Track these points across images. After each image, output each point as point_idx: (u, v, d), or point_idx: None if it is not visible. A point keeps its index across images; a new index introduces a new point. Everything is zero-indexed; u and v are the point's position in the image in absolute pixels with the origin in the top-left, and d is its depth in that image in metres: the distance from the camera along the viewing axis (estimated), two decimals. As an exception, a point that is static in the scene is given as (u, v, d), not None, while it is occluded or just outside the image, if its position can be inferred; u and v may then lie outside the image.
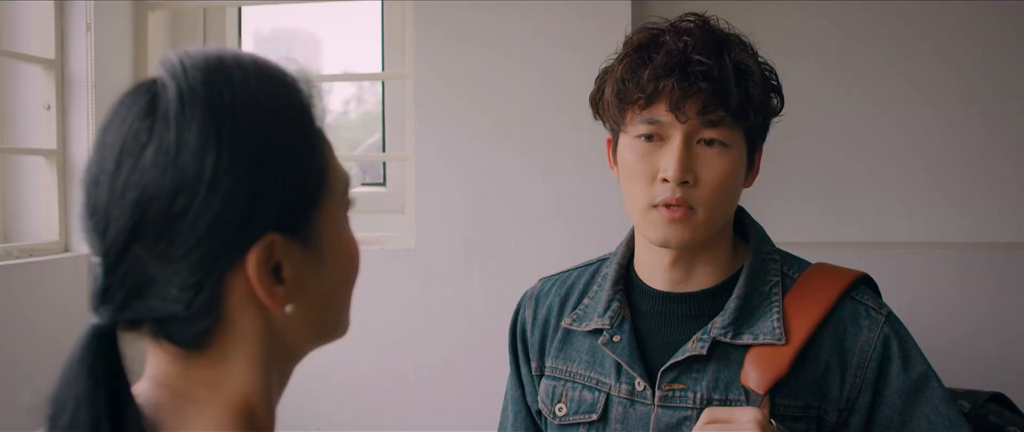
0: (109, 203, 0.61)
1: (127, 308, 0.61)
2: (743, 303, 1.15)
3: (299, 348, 0.70)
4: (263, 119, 0.63)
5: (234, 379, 0.65)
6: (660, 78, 1.10)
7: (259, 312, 0.64)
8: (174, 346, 0.64)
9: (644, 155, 1.13)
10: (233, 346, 0.64)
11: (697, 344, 1.14)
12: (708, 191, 1.10)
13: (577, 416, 1.21)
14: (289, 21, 2.27)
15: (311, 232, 0.66)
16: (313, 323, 0.69)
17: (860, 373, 1.13)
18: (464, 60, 1.83)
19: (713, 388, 1.13)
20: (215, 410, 0.64)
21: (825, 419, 1.13)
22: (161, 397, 0.64)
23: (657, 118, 1.11)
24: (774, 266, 1.19)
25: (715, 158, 1.11)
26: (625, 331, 1.19)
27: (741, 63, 1.10)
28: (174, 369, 0.64)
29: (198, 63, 0.63)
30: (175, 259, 0.60)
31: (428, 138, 1.84)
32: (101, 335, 0.60)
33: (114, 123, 0.63)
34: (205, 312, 0.62)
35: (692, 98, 1.09)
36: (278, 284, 0.64)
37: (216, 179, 0.60)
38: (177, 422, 0.63)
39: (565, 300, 1.28)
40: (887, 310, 1.16)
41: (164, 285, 0.61)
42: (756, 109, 1.10)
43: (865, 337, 1.14)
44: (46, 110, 1.80)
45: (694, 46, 1.10)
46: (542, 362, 1.28)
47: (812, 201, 1.91)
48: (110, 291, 0.61)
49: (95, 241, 0.62)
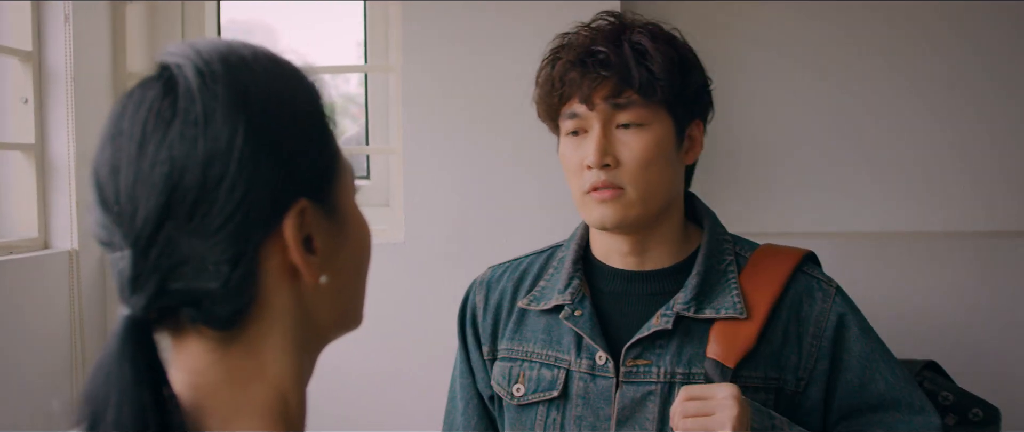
0: (136, 185, 0.59)
1: (162, 293, 0.59)
2: (703, 280, 1.21)
3: (325, 333, 0.69)
4: (282, 91, 0.64)
5: (269, 368, 0.64)
6: (566, 74, 1.19)
7: (292, 289, 0.64)
8: (210, 330, 0.62)
9: (573, 148, 1.21)
10: (269, 327, 0.63)
11: (662, 319, 1.19)
12: (632, 170, 1.17)
13: (536, 395, 1.23)
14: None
15: (334, 203, 0.67)
16: (339, 301, 0.69)
17: (817, 342, 1.19)
18: (452, 54, 1.82)
19: (677, 362, 1.18)
20: (253, 408, 0.63)
21: (784, 389, 1.19)
22: (195, 391, 0.62)
23: (575, 112, 1.20)
24: (728, 246, 1.25)
25: (633, 139, 1.17)
26: (586, 306, 1.23)
27: (638, 45, 1.17)
28: (208, 359, 0.63)
29: (210, 46, 0.64)
30: (211, 231, 0.59)
31: (416, 131, 1.83)
32: (136, 326, 0.59)
33: (128, 112, 0.62)
34: (242, 288, 0.61)
35: (599, 86, 1.17)
36: (311, 254, 0.64)
37: (249, 143, 0.60)
38: (214, 417, 0.62)
39: (519, 284, 1.32)
40: (836, 284, 1.24)
41: (200, 263, 0.59)
42: (663, 86, 1.16)
43: (819, 308, 1.21)
44: (23, 104, 1.76)
45: (594, 39, 1.19)
46: (495, 345, 1.31)
47: (805, 192, 1.93)
48: (142, 278, 0.59)
49: (120, 231, 0.60)
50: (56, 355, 1.73)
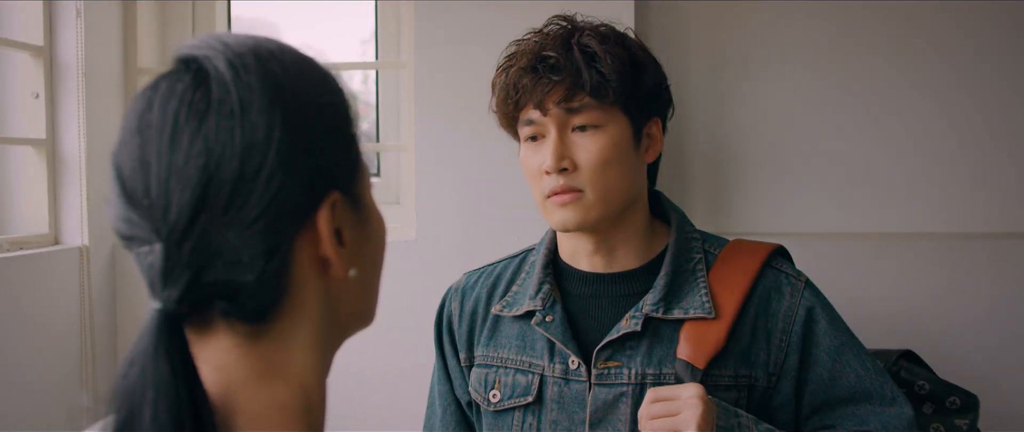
0: (169, 178, 0.58)
1: (195, 287, 0.59)
2: (671, 280, 1.21)
3: (346, 328, 0.69)
4: (312, 83, 0.65)
5: (295, 363, 0.63)
6: (519, 81, 1.19)
7: (320, 282, 0.64)
8: (241, 324, 0.61)
9: (532, 154, 1.22)
10: (298, 321, 0.63)
11: (631, 321, 1.19)
12: (589, 172, 1.17)
13: (512, 400, 1.24)
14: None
15: (360, 197, 0.67)
16: (363, 295, 0.69)
17: (786, 337, 1.20)
18: (464, 50, 1.81)
19: (647, 363, 1.18)
20: (276, 402, 0.62)
21: (755, 386, 1.19)
22: (221, 387, 0.61)
23: (531, 118, 1.20)
24: (696, 244, 1.25)
25: (588, 141, 1.17)
26: (557, 311, 1.23)
27: (586, 47, 1.17)
28: (235, 354, 0.62)
29: (237, 39, 0.63)
30: (247, 223, 0.59)
31: (428, 129, 1.83)
32: (169, 320, 0.58)
33: (156, 104, 0.60)
34: (276, 280, 0.61)
35: (551, 91, 1.17)
36: (341, 247, 0.64)
37: (287, 135, 0.60)
38: (240, 414, 0.61)
39: (493, 290, 1.32)
40: (805, 278, 1.24)
41: (234, 255, 0.59)
42: (615, 87, 1.16)
43: (788, 302, 1.21)
44: (35, 98, 1.76)
45: (544, 44, 1.19)
46: (471, 352, 1.31)
47: (808, 193, 1.92)
48: (175, 271, 0.58)
49: (149, 224, 0.59)
50: (66, 351, 1.72)
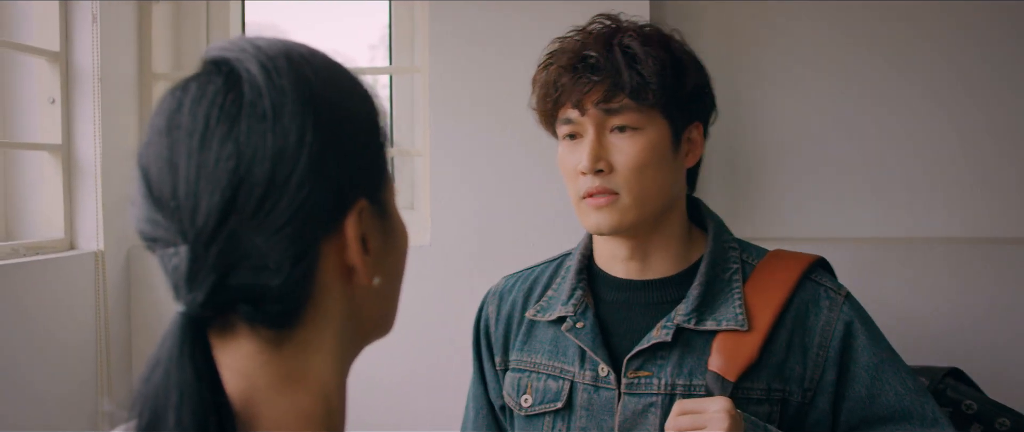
0: (198, 179, 0.58)
1: (220, 290, 0.58)
2: (705, 290, 1.19)
3: (366, 336, 0.69)
4: (343, 90, 0.64)
5: (315, 370, 0.63)
6: (559, 79, 1.18)
7: (344, 290, 0.64)
8: (265, 330, 0.61)
9: (569, 153, 1.21)
10: (321, 328, 0.63)
11: (661, 331, 1.17)
12: (625, 175, 1.15)
13: (542, 406, 1.23)
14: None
15: (386, 205, 0.67)
16: (383, 303, 0.69)
17: (823, 352, 1.17)
18: (479, 55, 1.81)
19: (677, 374, 1.16)
20: (297, 409, 0.62)
21: (789, 401, 1.16)
22: (243, 393, 0.61)
23: (569, 117, 1.19)
24: (733, 253, 1.23)
25: (626, 143, 1.16)
26: (588, 318, 1.22)
27: (628, 49, 1.15)
28: (258, 360, 0.61)
29: (269, 43, 0.63)
30: (276, 228, 0.58)
31: (442, 134, 1.83)
32: (193, 324, 0.57)
33: (185, 105, 0.60)
34: (301, 285, 0.60)
35: (591, 91, 1.16)
36: (367, 255, 0.64)
37: (318, 141, 0.59)
38: (262, 420, 0.60)
39: (529, 294, 1.31)
40: (845, 291, 1.21)
41: (260, 259, 0.58)
42: (655, 90, 1.14)
43: (825, 317, 1.18)
44: (50, 104, 1.76)
45: (585, 43, 1.18)
46: (507, 356, 1.30)
47: (812, 197, 1.91)
48: (201, 274, 0.58)
49: (175, 226, 0.59)
50: (81, 356, 1.72)
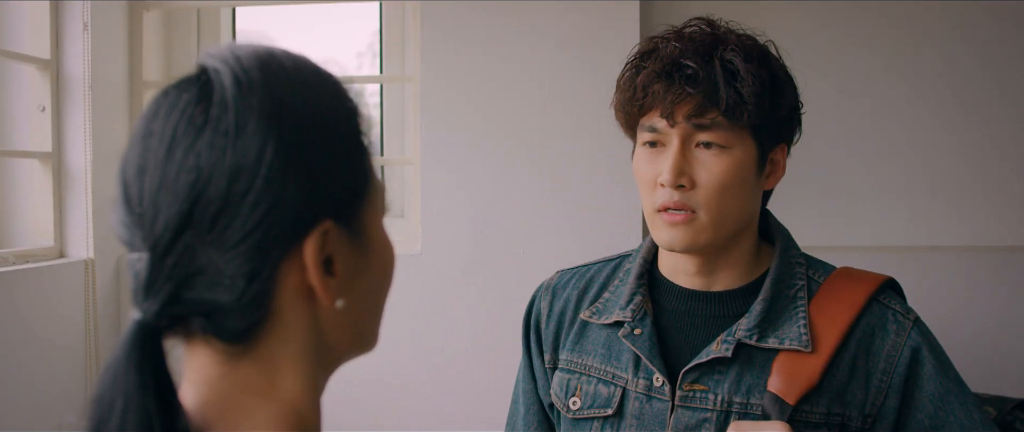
0: (160, 190, 0.58)
1: (175, 301, 0.58)
2: (769, 306, 1.15)
3: (339, 355, 0.68)
4: (319, 107, 0.63)
5: (282, 385, 0.62)
6: (650, 85, 1.12)
7: (308, 309, 0.63)
8: (221, 343, 0.60)
9: (648, 161, 1.15)
10: (281, 345, 0.62)
11: (722, 346, 1.13)
12: (707, 193, 1.11)
13: (592, 410, 1.20)
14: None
15: (360, 226, 0.65)
16: (355, 325, 0.67)
17: (887, 378, 1.12)
18: (470, 63, 1.81)
19: (735, 391, 1.13)
20: (267, 420, 0.61)
21: (848, 426, 1.12)
22: (205, 401, 0.61)
23: (654, 125, 1.13)
24: (800, 270, 1.18)
25: (712, 160, 1.11)
26: (647, 325, 1.18)
27: (729, 63, 1.10)
28: (218, 371, 0.61)
29: (251, 53, 0.62)
30: (230, 245, 0.58)
31: (433, 141, 1.83)
32: (146, 332, 0.58)
33: (161, 112, 0.60)
34: (256, 303, 0.60)
35: (683, 103, 1.10)
36: (330, 277, 0.62)
37: (278, 160, 0.59)
38: (223, 428, 0.60)
39: (584, 293, 1.27)
40: (915, 315, 1.16)
41: (215, 274, 0.58)
42: (751, 110, 1.09)
43: (892, 342, 1.13)
44: (41, 112, 1.76)
45: (684, 51, 1.12)
46: (556, 355, 1.27)
47: (814, 205, 1.91)
48: (156, 284, 0.58)
49: (139, 234, 0.59)
50: (71, 364, 1.72)
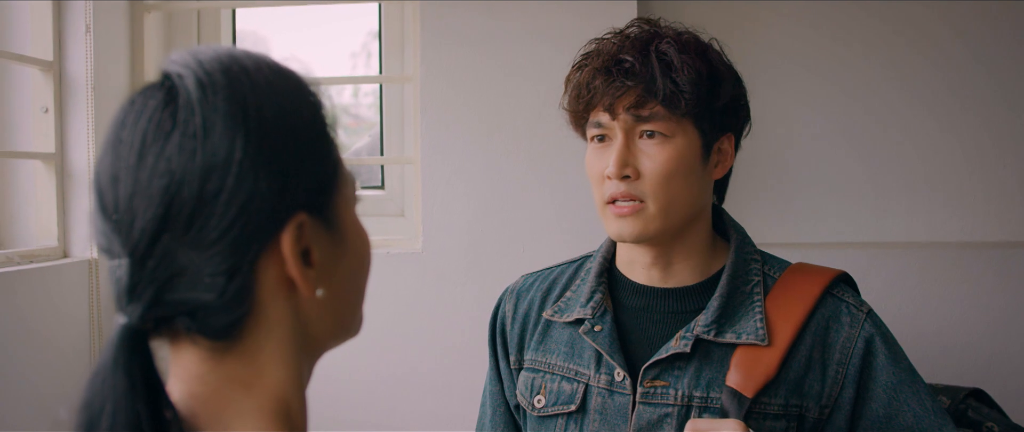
0: (134, 196, 0.60)
1: (157, 303, 0.60)
2: (726, 302, 1.18)
3: (322, 343, 0.70)
4: (283, 103, 0.64)
5: (268, 377, 0.64)
6: (592, 81, 1.17)
7: (289, 301, 0.65)
8: (206, 340, 0.62)
9: (596, 156, 1.19)
10: (265, 338, 0.64)
11: (680, 342, 1.17)
12: (653, 182, 1.14)
13: (555, 407, 1.23)
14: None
15: (334, 216, 0.67)
16: (336, 313, 0.69)
17: (842, 369, 1.16)
18: (470, 63, 1.83)
19: (694, 386, 1.16)
20: (253, 411, 0.63)
21: (806, 416, 1.16)
22: (194, 398, 0.63)
23: (599, 120, 1.18)
24: (755, 266, 1.22)
25: (655, 149, 1.14)
26: (607, 322, 1.21)
27: (664, 55, 1.14)
28: (205, 367, 0.63)
29: (212, 56, 0.64)
30: (208, 244, 0.60)
31: (434, 140, 1.84)
32: (132, 335, 0.59)
33: (129, 120, 0.62)
34: (238, 299, 0.61)
35: (623, 95, 1.15)
36: (308, 268, 0.64)
37: (247, 157, 0.60)
38: (213, 423, 0.62)
39: (547, 294, 1.31)
40: (867, 307, 1.20)
41: (196, 274, 0.60)
42: (688, 99, 1.13)
43: (846, 333, 1.17)
44: (44, 113, 1.77)
45: (622, 47, 1.16)
46: (521, 355, 1.30)
47: (806, 202, 1.93)
48: (138, 288, 0.60)
49: (118, 240, 0.61)
50: (75, 364, 1.73)
